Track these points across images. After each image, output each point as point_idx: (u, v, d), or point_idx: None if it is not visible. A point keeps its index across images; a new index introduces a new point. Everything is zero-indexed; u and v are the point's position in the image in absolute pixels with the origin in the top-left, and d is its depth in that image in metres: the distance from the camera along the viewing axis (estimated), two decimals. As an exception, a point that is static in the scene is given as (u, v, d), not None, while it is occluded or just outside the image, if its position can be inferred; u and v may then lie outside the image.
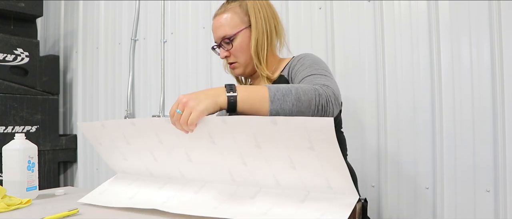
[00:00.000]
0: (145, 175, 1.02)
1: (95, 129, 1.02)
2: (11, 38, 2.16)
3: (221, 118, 0.77)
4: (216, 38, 1.12)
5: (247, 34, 1.10)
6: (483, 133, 1.27)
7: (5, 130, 2.11)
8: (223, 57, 1.13)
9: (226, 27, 1.09)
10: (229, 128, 0.77)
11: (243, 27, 1.09)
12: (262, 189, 0.83)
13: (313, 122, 0.68)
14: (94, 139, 1.04)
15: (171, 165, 0.94)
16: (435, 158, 1.36)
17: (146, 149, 0.95)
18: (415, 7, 1.40)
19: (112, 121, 0.97)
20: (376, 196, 1.47)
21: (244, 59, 1.11)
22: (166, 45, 2.09)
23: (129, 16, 2.24)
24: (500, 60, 1.25)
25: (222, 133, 0.79)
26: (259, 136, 0.75)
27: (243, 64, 1.12)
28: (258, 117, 0.74)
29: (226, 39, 1.10)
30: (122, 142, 0.98)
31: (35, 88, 2.27)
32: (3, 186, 0.98)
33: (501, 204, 1.25)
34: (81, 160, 2.47)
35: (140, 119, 0.91)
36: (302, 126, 0.69)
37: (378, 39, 1.47)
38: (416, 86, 1.40)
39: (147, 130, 0.90)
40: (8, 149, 1.03)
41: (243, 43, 1.10)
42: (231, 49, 1.10)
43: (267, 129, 0.73)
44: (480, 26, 1.28)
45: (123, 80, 2.25)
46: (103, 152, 1.07)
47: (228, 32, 1.09)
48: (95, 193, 1.03)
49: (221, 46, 1.12)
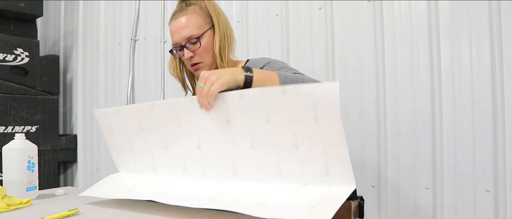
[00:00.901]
0: (148, 171, 1.03)
1: (109, 115, 1.04)
2: (11, 38, 2.15)
3: (239, 92, 0.84)
4: (179, 39, 1.11)
5: (211, 35, 1.12)
6: (483, 133, 1.27)
7: (5, 130, 2.11)
8: (188, 58, 1.12)
9: (192, 27, 1.10)
10: (246, 101, 0.83)
11: (207, 28, 1.11)
12: (259, 183, 0.84)
13: (319, 88, 0.74)
14: (106, 127, 1.06)
15: (179, 153, 0.95)
16: (435, 158, 1.36)
17: (160, 135, 0.97)
18: (415, 7, 1.40)
19: (130, 106, 1.02)
20: (376, 196, 1.47)
21: (209, 59, 1.13)
22: (166, 45, 2.09)
23: (129, 16, 2.24)
24: (500, 60, 1.25)
25: (239, 109, 0.84)
26: (270, 108, 0.80)
27: (208, 64, 1.13)
28: (271, 87, 0.81)
29: (194, 38, 1.10)
30: (135, 128, 1.00)
31: (35, 88, 2.27)
32: (3, 186, 0.98)
33: (501, 204, 1.25)
34: (81, 160, 2.47)
35: (161, 101, 0.95)
36: (309, 94, 0.74)
37: (378, 39, 1.47)
38: (416, 86, 1.40)
39: (167, 112, 0.94)
40: (8, 149, 1.03)
41: (209, 44, 1.11)
42: (197, 49, 1.10)
43: (277, 100, 0.78)
44: (480, 26, 1.28)
45: (123, 80, 2.25)
46: (111, 142, 1.07)
47: (194, 32, 1.09)
48: (94, 187, 1.04)
49: (186, 47, 1.11)
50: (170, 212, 0.86)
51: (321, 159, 0.76)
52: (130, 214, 0.87)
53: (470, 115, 1.30)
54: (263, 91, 0.81)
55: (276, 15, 1.71)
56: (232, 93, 0.85)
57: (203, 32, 1.10)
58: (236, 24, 1.81)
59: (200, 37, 1.10)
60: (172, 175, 0.98)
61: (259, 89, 0.82)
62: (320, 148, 0.76)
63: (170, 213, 0.86)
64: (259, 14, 1.76)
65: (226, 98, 0.86)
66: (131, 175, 1.05)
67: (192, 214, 0.84)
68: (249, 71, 0.90)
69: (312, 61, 1.61)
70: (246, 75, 0.89)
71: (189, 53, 1.11)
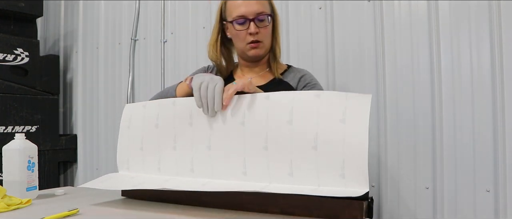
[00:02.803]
0: (152, 171, 1.01)
1: (135, 109, 1.05)
2: (11, 38, 2.15)
3: (265, 95, 0.86)
4: (247, 11, 1.08)
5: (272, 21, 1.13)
6: (483, 133, 1.27)
7: (5, 130, 2.11)
8: (254, 32, 1.09)
9: (263, 5, 1.11)
10: (271, 103, 0.85)
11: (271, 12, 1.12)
12: (272, 183, 0.85)
13: (353, 96, 0.80)
14: (126, 121, 1.06)
15: (187, 153, 0.95)
16: (435, 158, 1.36)
17: (171, 133, 0.97)
18: (415, 7, 1.40)
19: (155, 101, 1.03)
20: (376, 196, 1.47)
21: (268, 43, 1.13)
22: (166, 45, 2.09)
23: (129, 16, 2.24)
24: (500, 60, 1.25)
25: (259, 110, 0.86)
26: (297, 110, 0.82)
27: (266, 46, 1.13)
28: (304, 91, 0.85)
29: (264, 15, 1.09)
30: (151, 124, 1.00)
31: (35, 88, 2.27)
32: (3, 186, 0.98)
33: (501, 204, 1.25)
34: (81, 160, 2.47)
35: (182, 99, 0.97)
36: (343, 99, 0.79)
37: (378, 39, 1.47)
38: (416, 86, 1.40)
39: (183, 110, 0.95)
40: (8, 149, 1.03)
41: (271, 27, 1.12)
42: (266, 26, 1.10)
43: (308, 103, 0.81)
44: (480, 26, 1.28)
45: (123, 80, 2.25)
46: (124, 137, 1.06)
47: (266, 10, 1.10)
48: (97, 181, 1.03)
49: (254, 22, 1.09)
50: (171, 212, 0.87)
51: (339, 161, 0.77)
52: (130, 214, 0.87)
53: (470, 115, 1.30)
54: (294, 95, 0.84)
55: (276, 15, 1.71)
56: (259, 95, 0.87)
57: (271, 14, 1.11)
58: (236, 24, 1.80)
59: (270, 15, 1.10)
60: (179, 174, 0.97)
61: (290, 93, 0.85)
62: (341, 148, 0.77)
63: (171, 213, 0.86)
64: (259, 14, 1.75)
65: (245, 100, 0.88)
66: (135, 175, 1.04)
67: (194, 214, 0.84)
68: None
69: (312, 61, 1.61)
70: None
71: (256, 29, 1.09)
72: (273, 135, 0.84)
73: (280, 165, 0.83)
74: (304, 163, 0.81)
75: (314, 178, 0.80)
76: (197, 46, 1.98)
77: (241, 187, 0.83)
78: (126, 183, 0.98)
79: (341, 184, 0.77)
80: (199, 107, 0.91)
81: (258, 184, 0.85)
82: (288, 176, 0.83)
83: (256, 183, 0.85)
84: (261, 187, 0.82)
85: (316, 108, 0.80)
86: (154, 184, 0.92)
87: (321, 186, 0.79)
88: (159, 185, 0.90)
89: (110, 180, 1.03)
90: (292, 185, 0.81)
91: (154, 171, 1.00)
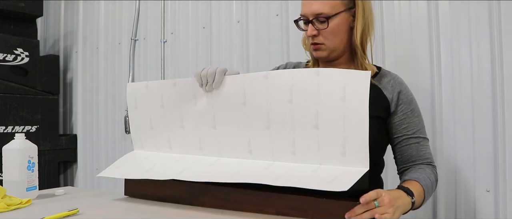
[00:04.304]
0: (164, 150, 1.05)
1: (139, 88, 1.07)
2: (11, 38, 2.15)
3: (264, 73, 0.87)
4: (307, 12, 1.00)
5: (345, 18, 1.01)
6: (483, 133, 1.27)
7: (5, 130, 2.11)
8: (310, 35, 1.01)
9: (325, 4, 0.98)
10: (269, 82, 0.85)
11: (343, 8, 1.00)
12: (275, 162, 0.87)
13: (352, 73, 0.79)
14: (132, 102, 1.08)
15: (195, 133, 0.98)
16: (436, 158, 1.35)
17: (177, 113, 0.99)
18: (415, 7, 1.40)
19: (156, 81, 1.06)
20: (376, 196, 1.47)
21: (334, 43, 1.02)
22: (166, 45, 2.09)
23: (129, 16, 2.24)
24: (500, 60, 1.25)
25: (259, 90, 0.86)
26: (296, 89, 0.82)
27: (330, 48, 1.02)
28: (302, 69, 0.84)
29: (323, 17, 0.98)
30: (157, 105, 1.02)
31: (35, 88, 2.27)
32: (3, 186, 0.98)
33: (501, 204, 1.25)
34: (81, 160, 2.46)
35: (182, 79, 0.99)
36: (343, 76, 0.78)
37: (378, 39, 1.47)
38: (416, 86, 1.39)
39: (186, 91, 0.97)
40: (8, 149, 1.03)
41: (339, 26, 1.00)
42: (325, 29, 0.99)
43: (308, 80, 0.81)
44: (480, 26, 1.28)
45: (123, 80, 2.25)
46: (134, 117, 1.09)
47: (327, 10, 0.98)
48: (112, 167, 1.06)
49: (312, 23, 1.00)
50: (170, 212, 0.87)
51: (340, 139, 0.79)
52: (130, 214, 0.87)
53: (470, 115, 1.29)
54: (294, 73, 0.84)
55: (276, 15, 1.71)
56: (257, 74, 0.88)
57: (336, 13, 0.99)
58: (236, 24, 1.81)
59: (330, 17, 0.98)
60: (188, 153, 1.00)
61: (289, 71, 0.85)
62: (342, 127, 0.78)
63: (171, 213, 0.86)
64: (259, 14, 1.75)
65: (245, 79, 0.89)
66: (148, 154, 1.07)
67: (193, 214, 0.85)
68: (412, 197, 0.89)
69: (312, 61, 1.61)
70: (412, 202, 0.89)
71: (313, 30, 1.00)
72: (274, 115, 0.85)
73: (283, 143, 0.86)
74: (306, 142, 0.83)
75: (316, 156, 0.82)
76: (197, 46, 1.98)
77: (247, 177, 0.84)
78: (140, 169, 1.00)
79: (342, 162, 0.79)
80: (200, 85, 0.94)
81: (262, 162, 0.88)
82: (290, 154, 0.85)
83: (261, 161, 0.88)
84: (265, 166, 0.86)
85: (316, 86, 0.80)
86: (169, 174, 0.93)
87: (323, 164, 0.81)
88: (173, 175, 0.91)
89: (125, 165, 1.06)
90: (295, 164, 0.84)
91: (165, 149, 1.04)
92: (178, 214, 0.85)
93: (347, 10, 1.01)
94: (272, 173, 0.83)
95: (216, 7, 1.90)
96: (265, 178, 0.81)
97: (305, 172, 0.81)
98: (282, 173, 0.82)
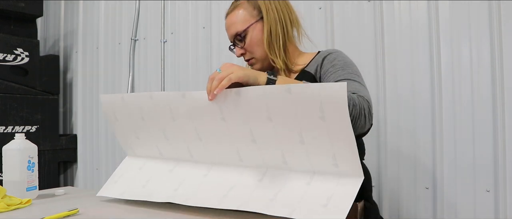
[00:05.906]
0: (155, 156, 1.03)
1: (115, 102, 1.04)
2: (11, 38, 2.16)
3: (235, 90, 0.81)
4: (229, 37, 1.10)
5: (259, 27, 1.06)
6: (483, 133, 1.27)
7: (5, 130, 2.11)
8: (239, 55, 1.09)
9: (237, 24, 1.06)
10: (243, 100, 0.81)
11: (253, 21, 1.06)
12: (268, 169, 0.85)
13: (326, 88, 0.71)
14: (111, 114, 1.06)
15: (181, 143, 0.96)
16: (435, 158, 1.36)
17: (159, 126, 0.97)
18: (415, 7, 1.40)
19: (132, 94, 1.02)
20: (376, 196, 1.47)
21: (260, 53, 1.07)
22: (166, 45, 2.09)
23: (129, 16, 2.24)
24: (500, 60, 1.25)
25: (235, 107, 0.82)
26: (272, 107, 0.78)
27: (260, 59, 1.08)
28: (273, 86, 0.78)
29: (238, 35, 1.07)
30: (137, 117, 1.00)
31: (35, 88, 2.27)
32: (3, 186, 0.98)
33: (501, 204, 1.25)
34: (81, 160, 2.47)
35: (157, 92, 0.95)
36: (316, 94, 0.72)
37: (378, 39, 1.47)
38: (416, 86, 1.40)
39: (162, 105, 0.93)
40: (8, 149, 1.03)
41: (256, 37, 1.06)
42: (244, 45, 1.07)
43: (280, 98, 0.76)
44: (480, 26, 1.28)
45: (123, 80, 2.25)
46: (117, 129, 1.08)
47: (239, 28, 1.06)
48: (110, 182, 1.05)
49: (236, 44, 1.09)
50: (170, 212, 0.87)
51: (330, 153, 0.77)
52: (130, 213, 0.87)
53: (470, 115, 1.30)
54: (265, 90, 0.79)
55: (276, 15, 1.71)
56: (229, 90, 0.83)
57: (247, 27, 1.05)
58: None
59: (243, 32, 1.06)
60: (180, 159, 0.98)
61: (260, 88, 0.80)
62: (329, 144, 0.76)
63: (169, 212, 0.86)
64: (259, 14, 1.75)
65: (221, 95, 0.84)
66: (142, 163, 1.06)
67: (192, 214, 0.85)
68: (273, 75, 0.87)
69: (312, 61, 1.61)
70: (269, 78, 0.85)
71: (239, 50, 1.08)
72: (257, 131, 0.83)
73: (272, 155, 0.84)
74: (296, 154, 0.81)
75: (308, 166, 0.81)
76: (197, 46, 1.98)
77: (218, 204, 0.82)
78: (137, 184, 0.99)
79: (336, 173, 0.77)
80: None
81: (255, 171, 0.86)
82: (282, 164, 0.83)
83: (253, 171, 0.86)
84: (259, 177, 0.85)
85: (290, 105, 0.76)
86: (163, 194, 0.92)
87: (316, 173, 0.80)
88: (168, 198, 0.89)
89: (121, 178, 1.04)
90: (289, 172, 0.82)
91: (156, 155, 1.03)
92: (178, 215, 0.85)
93: (259, 20, 1.06)
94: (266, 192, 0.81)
95: (216, 7, 1.90)
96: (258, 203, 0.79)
97: (299, 188, 0.79)
98: (276, 192, 0.80)
